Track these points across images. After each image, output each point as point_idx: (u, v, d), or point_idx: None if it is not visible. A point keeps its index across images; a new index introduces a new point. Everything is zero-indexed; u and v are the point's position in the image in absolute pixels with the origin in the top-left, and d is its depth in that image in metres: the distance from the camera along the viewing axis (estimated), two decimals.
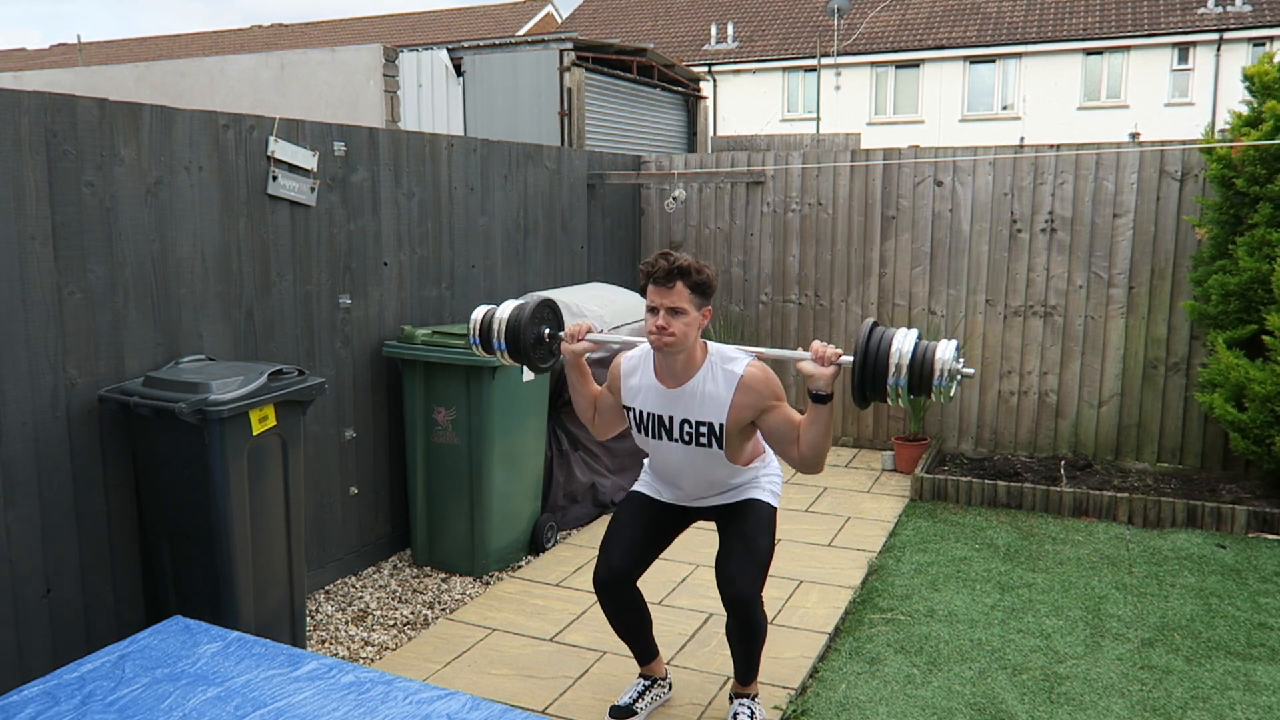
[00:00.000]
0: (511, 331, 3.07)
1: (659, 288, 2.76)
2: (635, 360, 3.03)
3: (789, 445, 2.86)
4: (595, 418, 3.15)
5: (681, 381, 2.90)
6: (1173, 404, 5.73)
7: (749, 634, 3.02)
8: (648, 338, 2.84)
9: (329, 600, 4.14)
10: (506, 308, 3.12)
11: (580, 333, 2.98)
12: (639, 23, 28.45)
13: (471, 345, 3.18)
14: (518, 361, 3.14)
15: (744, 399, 2.85)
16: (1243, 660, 3.60)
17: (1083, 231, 5.80)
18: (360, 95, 8.26)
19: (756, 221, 6.61)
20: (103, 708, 2.11)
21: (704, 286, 2.80)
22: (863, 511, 5.27)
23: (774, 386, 2.88)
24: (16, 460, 2.99)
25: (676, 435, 2.96)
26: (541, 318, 3.14)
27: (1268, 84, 5.06)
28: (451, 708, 2.12)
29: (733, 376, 2.86)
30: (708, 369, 2.89)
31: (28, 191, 2.98)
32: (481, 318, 3.15)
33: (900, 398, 2.59)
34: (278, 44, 30.35)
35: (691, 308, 2.78)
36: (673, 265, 2.75)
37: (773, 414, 2.87)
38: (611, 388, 3.11)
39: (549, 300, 3.18)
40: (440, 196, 4.82)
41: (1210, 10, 21.95)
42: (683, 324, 2.77)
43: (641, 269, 2.83)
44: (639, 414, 3.01)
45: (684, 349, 2.83)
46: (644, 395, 2.98)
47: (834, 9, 19.69)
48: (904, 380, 2.56)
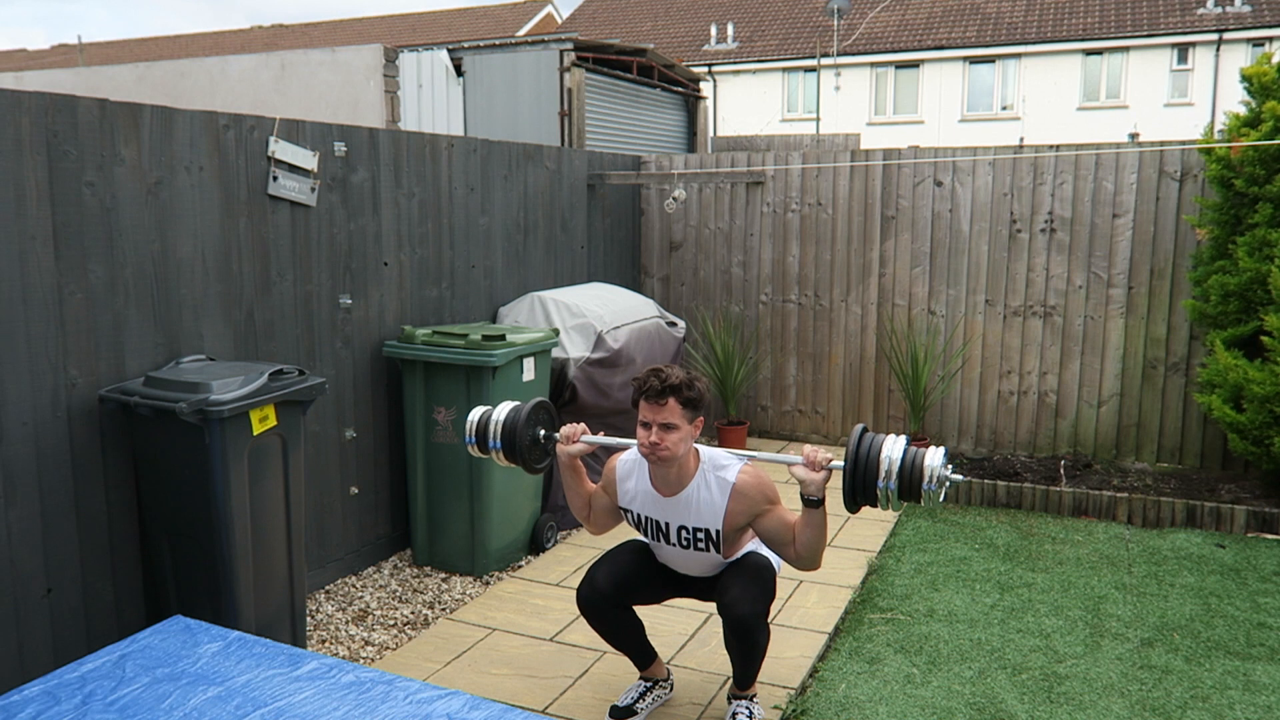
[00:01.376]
0: (507, 433, 3.12)
1: (651, 404, 2.81)
2: (630, 465, 3.07)
3: (785, 546, 2.92)
4: (590, 516, 3.18)
5: (675, 490, 2.95)
6: (1172, 404, 5.74)
7: (749, 649, 3.03)
8: (641, 453, 2.88)
9: (329, 600, 4.14)
10: (503, 409, 3.17)
11: (575, 435, 3.03)
12: (639, 23, 28.45)
13: (467, 445, 3.22)
14: (512, 462, 3.17)
15: (738, 505, 2.91)
16: (1242, 660, 3.60)
17: (1082, 232, 5.80)
18: (360, 95, 8.27)
19: (756, 221, 6.61)
20: (103, 707, 2.11)
21: (696, 401, 2.84)
22: (863, 512, 5.27)
23: (767, 491, 2.94)
24: (17, 460, 3.00)
25: (674, 540, 3.02)
26: (537, 419, 3.18)
27: (1266, 84, 5.06)
28: (452, 707, 2.12)
29: (726, 485, 2.91)
30: (701, 478, 2.94)
31: (28, 192, 2.98)
32: (478, 419, 3.19)
33: (890, 502, 2.66)
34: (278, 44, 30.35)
35: (684, 422, 2.83)
36: (665, 384, 2.79)
37: (767, 518, 2.93)
38: (607, 489, 3.15)
39: (544, 402, 3.24)
40: (440, 196, 4.82)
41: (1210, 10, 21.96)
42: (675, 439, 2.82)
43: (633, 384, 2.89)
44: (636, 516, 3.07)
45: (677, 462, 2.88)
46: (640, 500, 3.03)
47: (834, 9, 19.69)
48: (894, 485, 2.63)
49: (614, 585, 3.09)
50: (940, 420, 6.27)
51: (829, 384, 6.58)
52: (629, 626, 3.18)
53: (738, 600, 2.93)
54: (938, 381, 6.19)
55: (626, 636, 3.20)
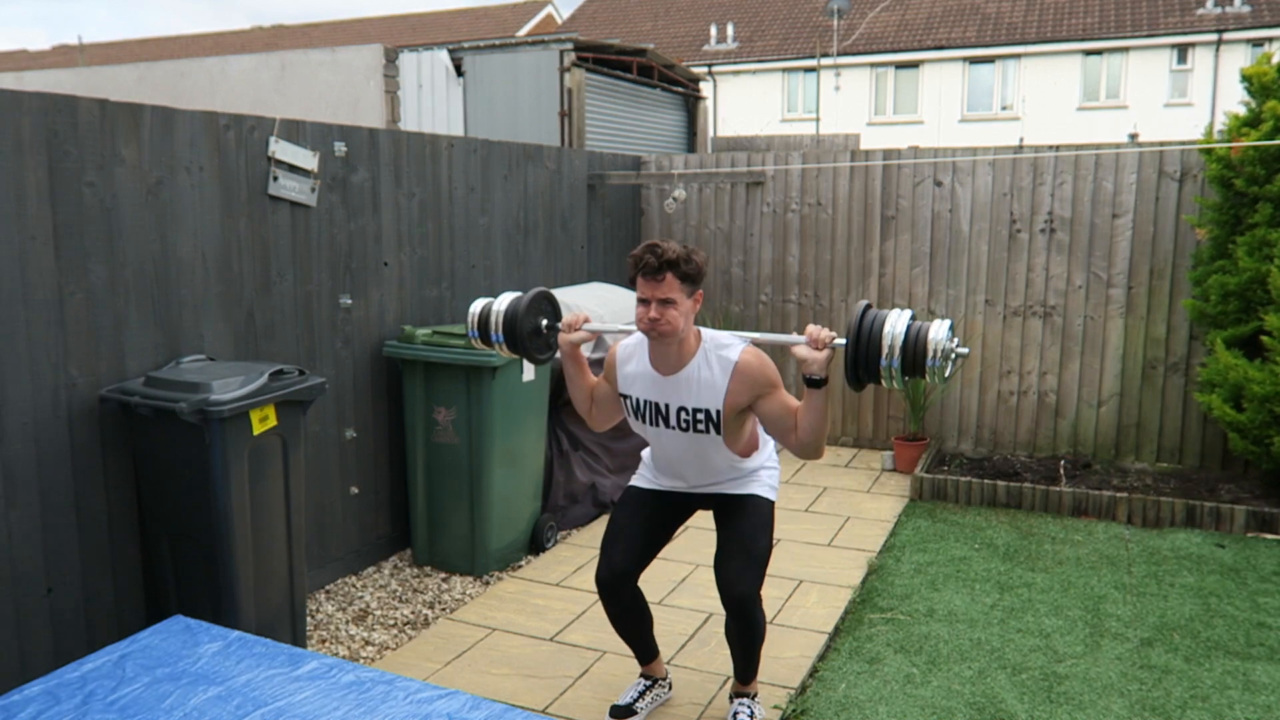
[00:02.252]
0: (509, 323, 3.06)
1: (648, 280, 2.75)
2: (630, 348, 3.02)
3: (787, 432, 2.85)
4: (592, 409, 3.14)
5: (676, 369, 2.88)
6: (1172, 404, 5.74)
7: (748, 633, 3.02)
8: (640, 330, 2.83)
9: (329, 600, 4.14)
10: (503, 300, 3.11)
11: (577, 323, 2.97)
12: (639, 23, 28.45)
13: (470, 338, 3.17)
14: (516, 354, 3.13)
15: (739, 385, 2.84)
16: (1241, 660, 3.61)
17: (1082, 232, 5.80)
18: (361, 96, 8.27)
19: (756, 221, 6.61)
20: (104, 707, 2.11)
21: (693, 275, 2.78)
22: (862, 511, 5.28)
23: (769, 372, 2.87)
24: (17, 460, 3.00)
25: (674, 423, 2.94)
26: (538, 309, 3.12)
27: (1266, 84, 5.06)
28: (452, 707, 2.12)
29: (727, 363, 2.85)
30: (702, 356, 2.87)
31: (29, 192, 2.98)
32: (479, 311, 3.14)
33: (894, 379, 2.58)
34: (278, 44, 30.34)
35: (682, 296, 2.77)
36: (661, 258, 2.73)
37: (769, 400, 2.86)
38: (608, 377, 3.09)
39: (546, 292, 3.17)
40: (440, 196, 4.82)
41: (1209, 11, 21.95)
42: (674, 314, 2.76)
43: (629, 261, 2.81)
44: (635, 401, 3.00)
45: (677, 338, 2.82)
46: (640, 383, 2.97)
47: (834, 9, 19.69)
48: (898, 361, 2.54)
49: (632, 555, 3.06)
50: (940, 420, 6.27)
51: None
52: (641, 614, 3.17)
53: (734, 580, 2.92)
54: (937, 381, 6.18)
55: (637, 625, 3.18)
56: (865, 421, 6.52)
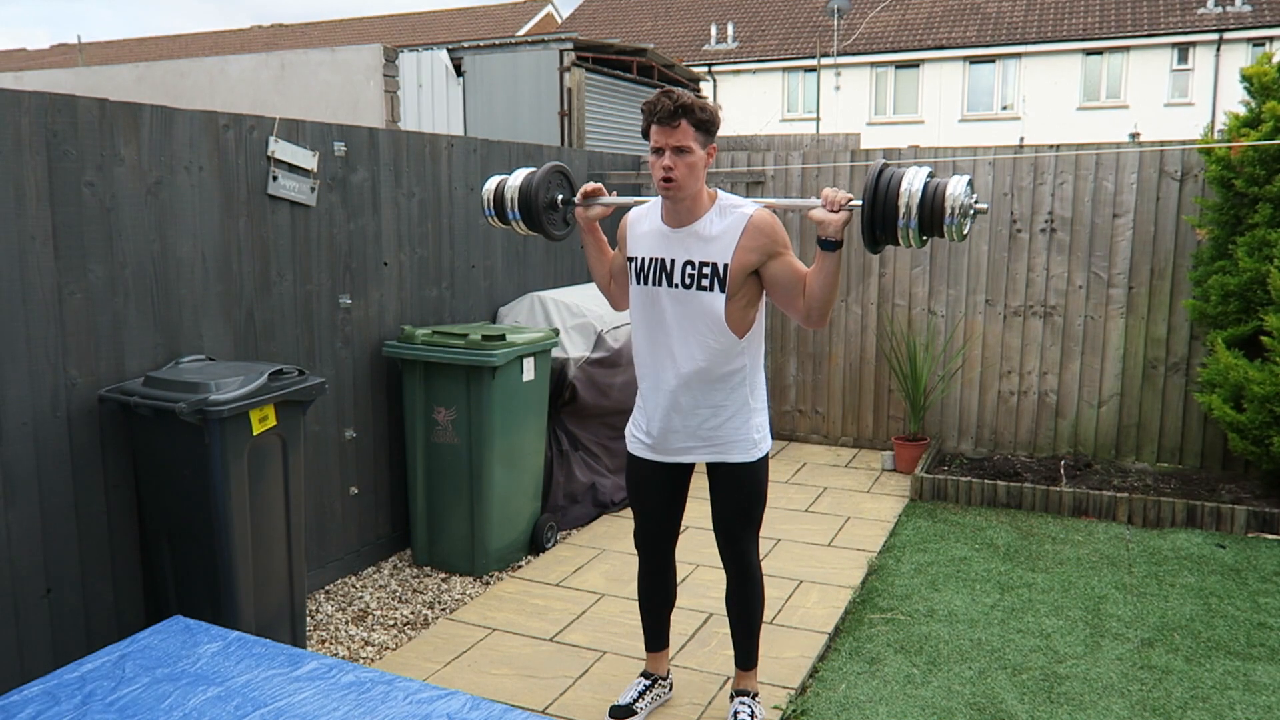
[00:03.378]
0: (524, 198, 3.04)
1: (663, 127, 2.70)
2: (643, 210, 3.00)
3: (795, 297, 2.80)
4: (611, 284, 3.13)
5: (688, 222, 2.85)
6: (1172, 404, 5.74)
7: (748, 593, 3.05)
8: (654, 182, 2.77)
9: (329, 600, 4.14)
10: (518, 175, 3.09)
11: (594, 193, 2.96)
12: (639, 23, 28.44)
13: (486, 217, 3.15)
14: (532, 229, 3.09)
15: (750, 241, 2.79)
16: (1242, 660, 3.60)
17: (1082, 231, 5.80)
18: (360, 95, 8.26)
19: None
20: (103, 707, 2.11)
21: (709, 124, 2.74)
22: (863, 511, 5.27)
23: (781, 233, 2.82)
24: (17, 460, 2.99)
25: (678, 279, 2.85)
26: (554, 183, 3.09)
27: (1266, 84, 5.06)
28: (451, 707, 2.12)
29: (741, 217, 2.80)
30: (715, 210, 2.84)
31: (28, 191, 2.98)
32: (494, 188, 3.11)
33: (912, 239, 2.54)
34: (278, 44, 30.35)
35: (697, 146, 2.73)
36: (676, 103, 2.69)
37: (779, 262, 2.81)
38: (621, 246, 3.06)
39: (561, 166, 3.13)
40: (440, 196, 4.82)
41: (1210, 10, 21.95)
42: (688, 163, 2.72)
43: (643, 109, 2.75)
44: (641, 261, 2.92)
45: (691, 190, 2.78)
46: (649, 241, 2.91)
47: (834, 9, 19.69)
48: (915, 221, 2.50)
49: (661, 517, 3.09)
50: (940, 420, 6.27)
51: (829, 384, 6.57)
52: (669, 585, 3.21)
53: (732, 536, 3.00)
54: (938, 381, 6.19)
55: (665, 599, 3.22)
56: (865, 421, 6.52)
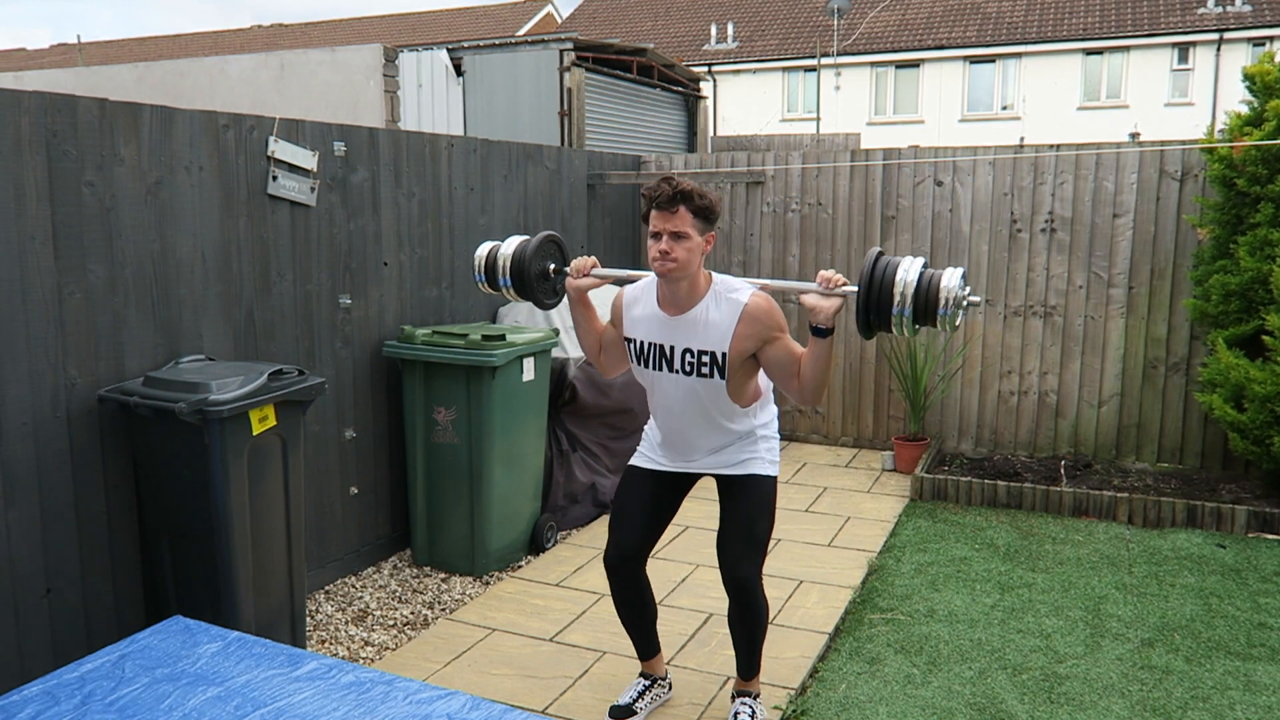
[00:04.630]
0: (516, 267, 3.04)
1: (662, 213, 2.74)
2: (638, 291, 3.00)
3: (789, 378, 2.83)
4: (601, 354, 3.12)
5: (684, 309, 2.86)
6: (1173, 404, 5.73)
7: (750, 618, 3.02)
8: (651, 265, 2.80)
9: (329, 600, 4.14)
10: (511, 243, 3.08)
11: (586, 268, 2.96)
12: (639, 23, 28.44)
13: (477, 282, 3.14)
14: (523, 297, 3.09)
15: (747, 329, 2.82)
16: (1243, 660, 3.60)
17: (1083, 231, 5.80)
18: (360, 95, 8.26)
19: (756, 221, 6.61)
20: (103, 707, 2.11)
21: (707, 211, 2.77)
22: (863, 511, 5.27)
23: (777, 317, 2.86)
24: (16, 460, 2.99)
25: (678, 365, 2.90)
26: (547, 253, 3.09)
27: (1269, 84, 5.05)
28: (451, 708, 2.12)
29: (736, 305, 2.83)
30: (711, 297, 2.86)
31: (28, 191, 2.98)
32: (486, 254, 3.10)
33: (905, 328, 2.57)
34: (278, 44, 30.35)
35: (695, 233, 2.75)
36: (676, 190, 2.72)
37: (775, 346, 2.84)
38: (615, 320, 3.07)
39: (554, 235, 3.14)
40: (440, 196, 4.82)
41: (1210, 10, 21.95)
42: (686, 249, 2.74)
43: (643, 194, 2.79)
44: (640, 345, 2.96)
45: (687, 275, 2.80)
46: (646, 325, 2.93)
47: (834, 9, 19.69)
48: (909, 310, 2.53)
49: (638, 535, 3.07)
50: (940, 420, 6.27)
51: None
52: (646, 603, 3.18)
53: (735, 562, 2.94)
54: (938, 381, 6.18)
55: (642, 614, 3.19)
56: (865, 421, 6.52)
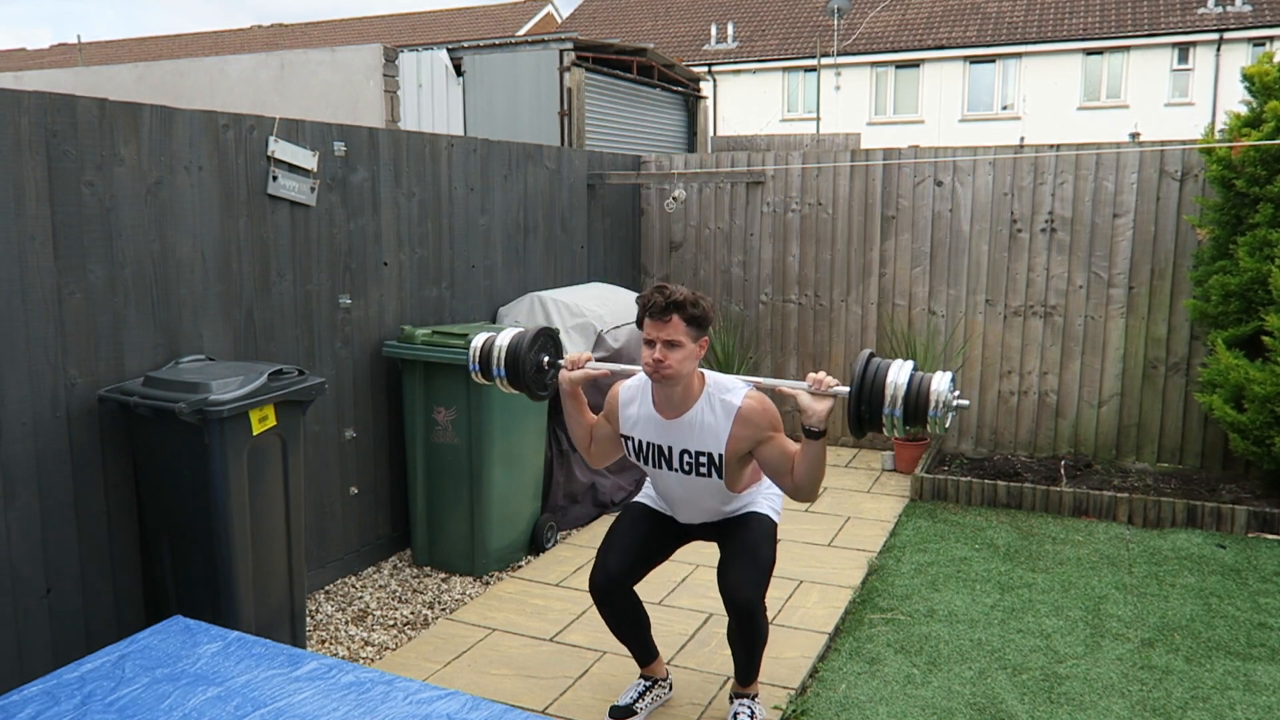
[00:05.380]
0: (511, 359, 3.10)
1: (655, 321, 2.78)
2: (633, 390, 3.05)
3: (783, 475, 2.90)
4: (591, 446, 3.17)
5: (679, 412, 2.92)
6: (1173, 404, 5.73)
7: (751, 638, 3.03)
8: (645, 371, 2.85)
9: (329, 600, 4.14)
10: (506, 335, 3.14)
11: (580, 361, 3.01)
12: (639, 23, 28.44)
13: (471, 372, 3.21)
14: (517, 389, 3.16)
15: (742, 430, 2.88)
16: (1243, 660, 3.60)
17: (1083, 231, 5.80)
18: (360, 95, 8.26)
19: (756, 221, 6.61)
20: (103, 708, 2.11)
21: (700, 319, 2.81)
22: (863, 511, 5.27)
23: (771, 418, 2.91)
24: (16, 460, 2.99)
25: (676, 465, 2.99)
26: (541, 346, 3.16)
27: (1268, 84, 5.05)
28: (451, 708, 2.12)
29: (730, 408, 2.88)
30: (705, 400, 2.91)
31: (28, 191, 2.98)
32: (481, 345, 3.18)
33: (896, 428, 2.63)
34: (278, 44, 30.34)
35: (688, 340, 2.80)
36: (669, 299, 2.76)
37: (769, 445, 2.90)
38: (609, 416, 3.12)
39: (548, 329, 3.22)
40: (440, 196, 4.82)
41: (1210, 10, 21.95)
42: (679, 357, 2.79)
43: (638, 302, 2.85)
44: (638, 443, 3.04)
45: (682, 380, 2.85)
46: (642, 425, 3.00)
47: (834, 9, 19.69)
48: (899, 411, 2.59)
49: (626, 565, 3.08)
50: None
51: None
52: (637, 618, 3.18)
53: (739, 585, 2.94)
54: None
55: (633, 628, 3.19)
56: None
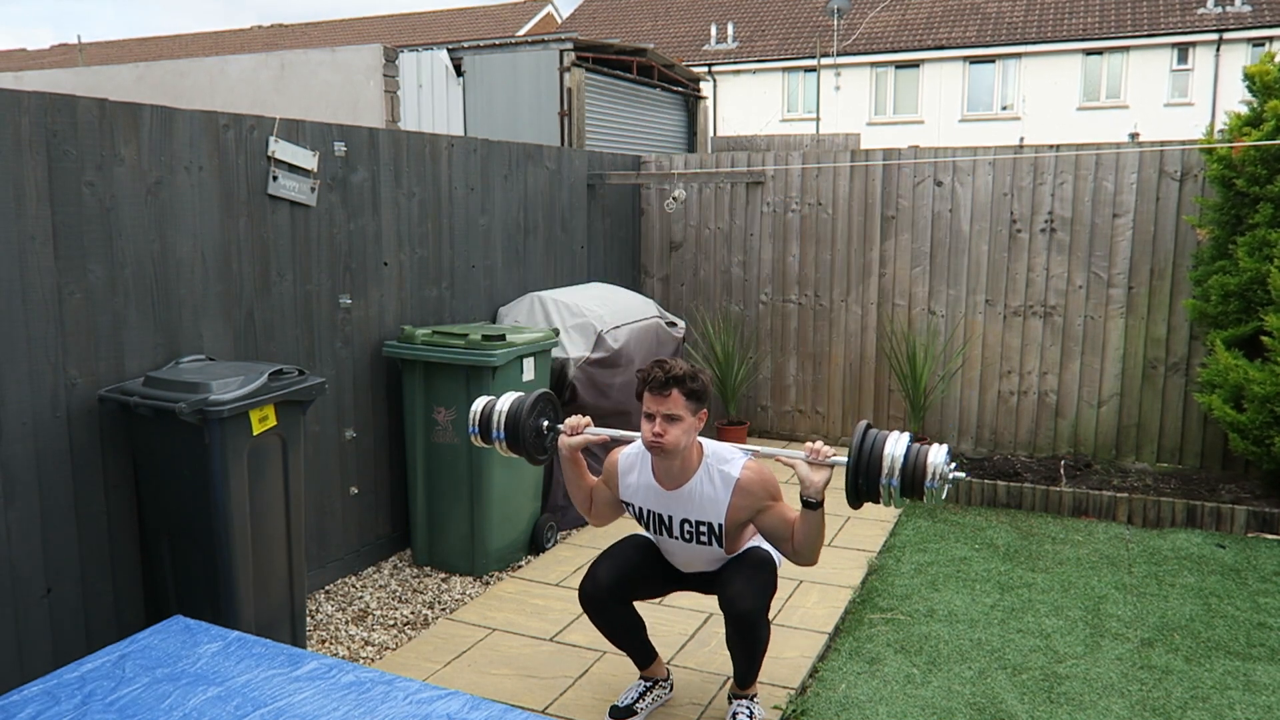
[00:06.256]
0: (511, 424, 3.13)
1: (655, 395, 2.82)
2: (632, 458, 3.08)
3: (783, 541, 2.93)
4: (591, 509, 3.19)
5: (679, 483, 2.95)
6: (1172, 404, 5.74)
7: (751, 645, 3.03)
8: (645, 444, 2.89)
9: (329, 600, 4.14)
10: (506, 400, 3.17)
11: (579, 427, 3.03)
12: (639, 23, 28.44)
13: (470, 435, 3.24)
14: (516, 453, 3.18)
15: (741, 501, 2.92)
16: (1242, 660, 3.60)
17: (1082, 231, 5.80)
18: (360, 95, 8.26)
19: (756, 221, 6.61)
20: (103, 707, 2.11)
21: (699, 393, 2.85)
22: (862, 511, 5.25)
23: (770, 487, 2.94)
24: (17, 460, 2.99)
25: (677, 533, 3.03)
26: (540, 411, 3.19)
27: (1268, 84, 5.05)
28: (451, 708, 2.12)
29: (729, 479, 2.92)
30: (704, 471, 2.94)
31: (28, 191, 2.98)
32: (482, 409, 3.20)
33: (893, 498, 2.67)
34: (278, 44, 30.34)
35: (687, 414, 2.84)
36: (668, 375, 2.80)
37: (768, 514, 2.93)
38: (608, 482, 3.15)
39: (548, 394, 3.24)
40: (440, 196, 4.82)
41: (1210, 10, 21.95)
42: (678, 430, 2.83)
43: (638, 376, 2.89)
44: (639, 510, 3.07)
45: (680, 452, 2.88)
46: (642, 494, 3.04)
47: (834, 9, 19.69)
48: (897, 481, 2.64)
49: (616, 580, 3.10)
50: (940, 420, 6.27)
51: (829, 384, 6.58)
52: (630, 624, 3.18)
53: (740, 595, 2.94)
54: (938, 381, 6.19)
55: (627, 634, 3.20)
56: None
